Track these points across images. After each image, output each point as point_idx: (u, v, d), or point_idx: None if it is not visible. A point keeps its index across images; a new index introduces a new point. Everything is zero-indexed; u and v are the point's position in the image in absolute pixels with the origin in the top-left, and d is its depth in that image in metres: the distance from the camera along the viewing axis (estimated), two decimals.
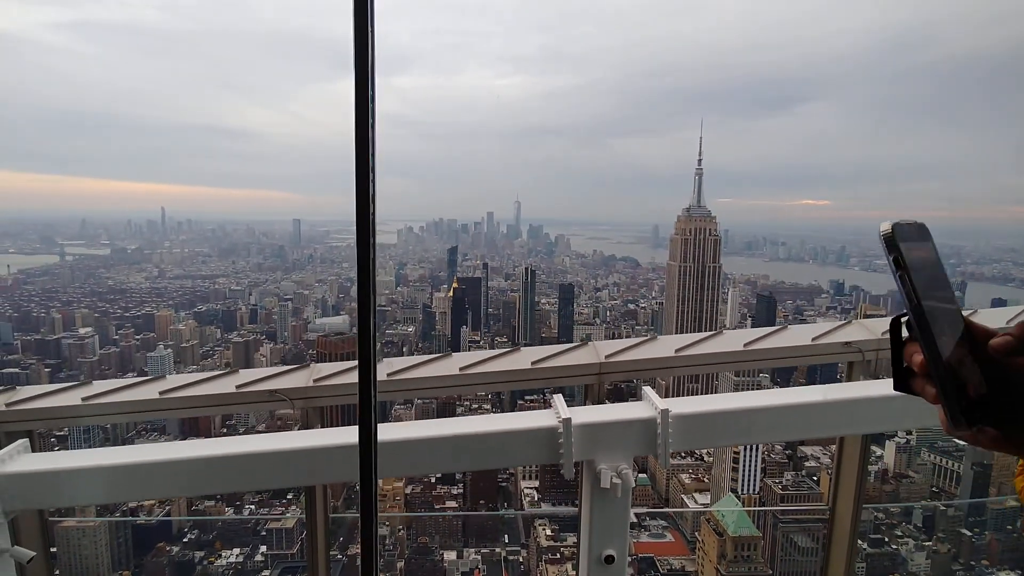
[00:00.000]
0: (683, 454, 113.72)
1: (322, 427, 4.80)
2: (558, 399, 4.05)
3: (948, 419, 1.05)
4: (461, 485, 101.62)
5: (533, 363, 4.98)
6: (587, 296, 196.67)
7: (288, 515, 78.72)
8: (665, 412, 3.77)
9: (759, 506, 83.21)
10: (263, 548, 73.66)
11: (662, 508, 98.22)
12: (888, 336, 5.24)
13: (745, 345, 5.21)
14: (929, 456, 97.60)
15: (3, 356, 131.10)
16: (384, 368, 4.89)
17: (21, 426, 4.41)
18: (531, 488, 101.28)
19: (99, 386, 4.57)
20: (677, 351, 5.20)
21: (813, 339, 5.27)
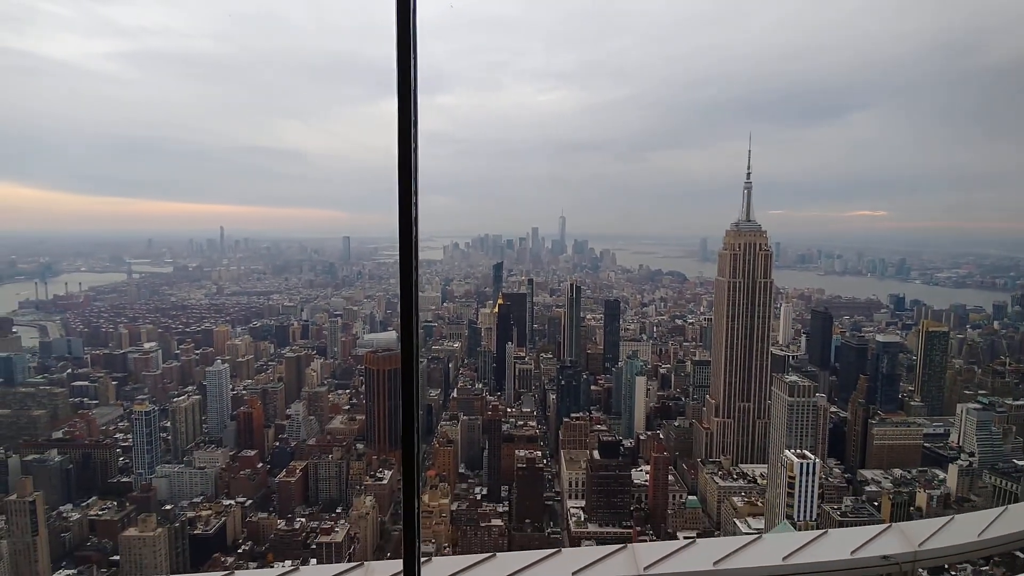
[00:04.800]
0: (735, 475, 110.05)
1: None
2: None
3: None
4: (507, 503, 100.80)
5: (573, 574, 5.01)
6: (633, 311, 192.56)
7: (337, 529, 79.60)
8: None
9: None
10: (313, 561, 74.88)
11: (713, 532, 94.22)
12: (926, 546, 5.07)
13: (784, 559, 5.18)
14: (991, 479, 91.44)
15: (75, 370, 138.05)
16: (428, 573, 5.02)
17: None
18: (577, 508, 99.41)
19: None
20: (715, 564, 5.12)
21: (852, 552, 5.27)
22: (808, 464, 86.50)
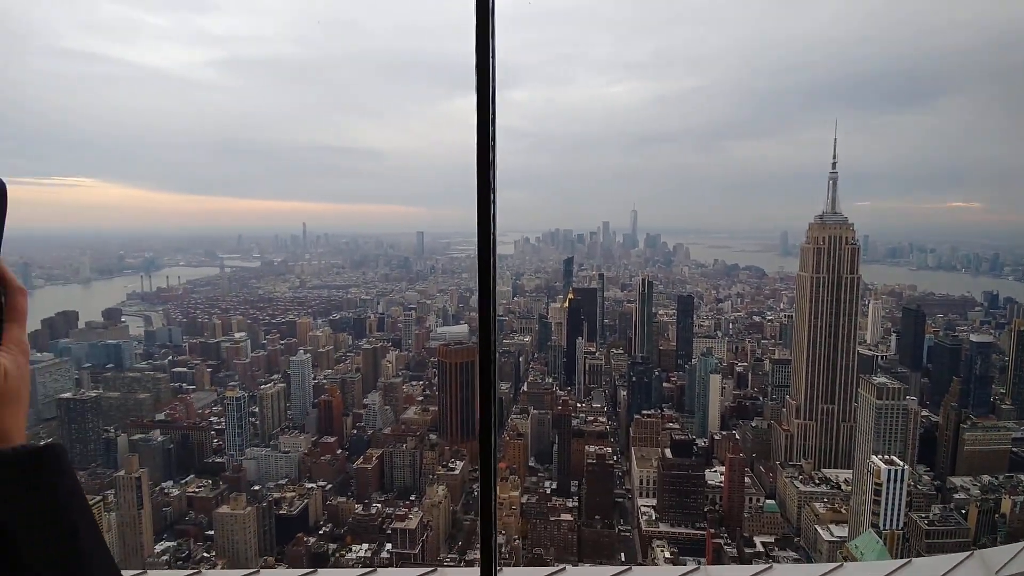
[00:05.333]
0: (816, 480, 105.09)
1: None
2: None
3: None
4: (576, 498, 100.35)
5: None
6: (708, 307, 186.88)
7: (411, 516, 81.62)
8: None
9: (903, 543, 74.85)
10: (388, 546, 77.36)
11: (793, 538, 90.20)
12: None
13: None
14: None
15: (175, 357, 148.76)
16: None
17: None
18: (648, 506, 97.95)
19: None
20: None
21: None
22: (896, 471, 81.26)
